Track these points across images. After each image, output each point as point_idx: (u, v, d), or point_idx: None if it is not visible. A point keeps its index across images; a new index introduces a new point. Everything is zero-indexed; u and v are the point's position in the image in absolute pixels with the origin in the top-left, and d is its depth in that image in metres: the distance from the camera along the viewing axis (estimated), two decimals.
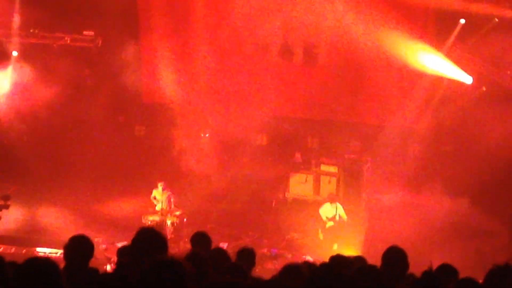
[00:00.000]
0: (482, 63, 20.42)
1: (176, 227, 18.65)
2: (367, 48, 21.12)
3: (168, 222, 18.60)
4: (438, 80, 21.06)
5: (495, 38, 19.34)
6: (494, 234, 18.89)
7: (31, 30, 21.69)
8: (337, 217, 18.41)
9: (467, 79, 20.61)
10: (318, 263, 7.96)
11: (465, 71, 20.61)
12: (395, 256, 7.34)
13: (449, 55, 20.53)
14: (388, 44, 20.75)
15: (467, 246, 17.93)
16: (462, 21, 20.16)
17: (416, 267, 7.15)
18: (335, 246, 17.76)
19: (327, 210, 18.57)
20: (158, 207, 18.94)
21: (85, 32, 22.01)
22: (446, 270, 7.42)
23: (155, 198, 19.08)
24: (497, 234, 18.83)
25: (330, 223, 18.41)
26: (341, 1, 20.98)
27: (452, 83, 20.80)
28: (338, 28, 21.45)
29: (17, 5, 21.19)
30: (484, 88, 20.63)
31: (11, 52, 21.80)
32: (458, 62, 20.64)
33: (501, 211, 19.37)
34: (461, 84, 20.66)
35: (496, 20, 19.80)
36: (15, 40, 21.64)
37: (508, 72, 20.11)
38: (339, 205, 18.64)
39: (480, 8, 19.73)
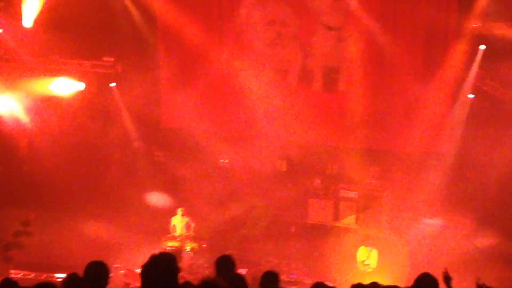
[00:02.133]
0: (501, 89, 20.34)
1: (195, 253, 18.64)
2: (387, 73, 21.13)
3: (187, 248, 18.60)
4: (462, 105, 20.95)
5: None
6: None
7: (51, 56, 21.79)
8: (366, 262, 18.22)
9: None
10: None
11: (485, 95, 20.55)
12: (427, 282, 7.41)
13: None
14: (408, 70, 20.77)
15: (488, 272, 17.75)
16: (482, 47, 20.11)
17: None
18: None
19: (360, 254, 18.41)
20: (177, 233, 18.97)
21: (104, 58, 22.09)
22: None
23: (174, 226, 19.08)
24: None
25: (361, 267, 18.23)
26: (360, 28, 21.03)
27: (474, 109, 20.70)
28: (358, 53, 21.45)
29: (38, 31, 21.32)
30: None
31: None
32: (477, 86, 20.62)
33: None
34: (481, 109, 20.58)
35: None
36: (37, 66, 21.73)
37: None
38: (373, 251, 18.39)
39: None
